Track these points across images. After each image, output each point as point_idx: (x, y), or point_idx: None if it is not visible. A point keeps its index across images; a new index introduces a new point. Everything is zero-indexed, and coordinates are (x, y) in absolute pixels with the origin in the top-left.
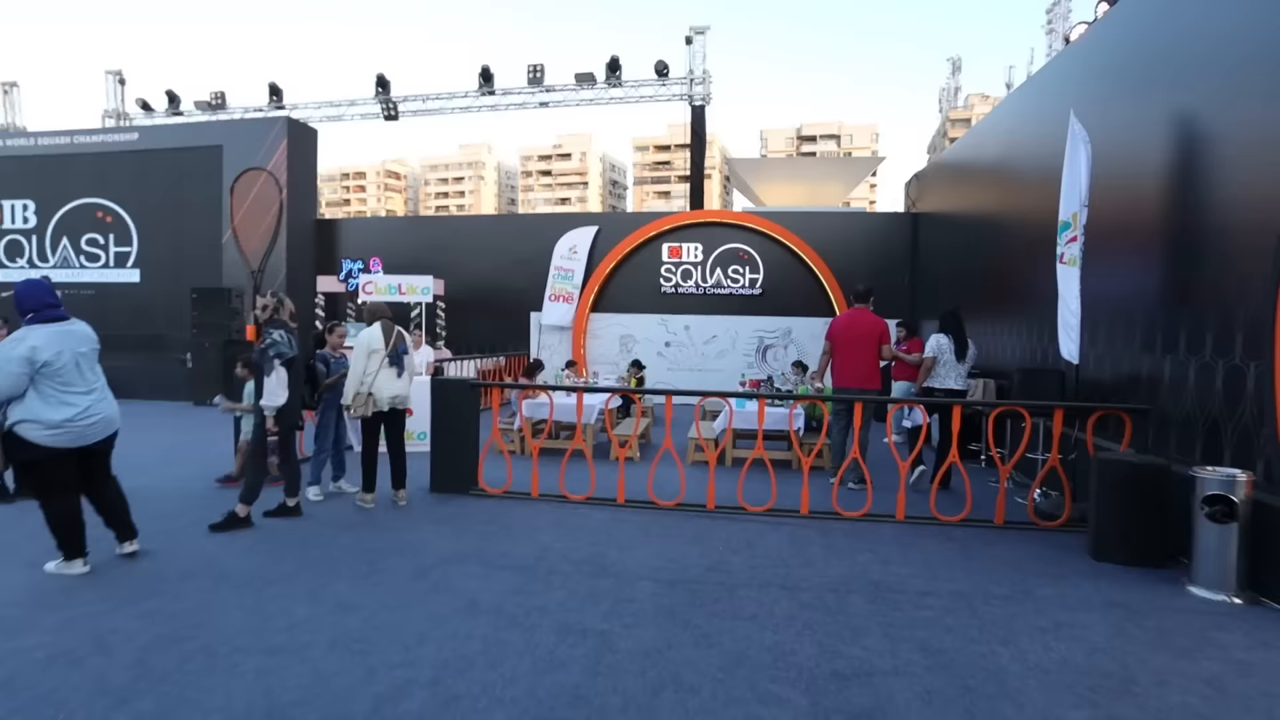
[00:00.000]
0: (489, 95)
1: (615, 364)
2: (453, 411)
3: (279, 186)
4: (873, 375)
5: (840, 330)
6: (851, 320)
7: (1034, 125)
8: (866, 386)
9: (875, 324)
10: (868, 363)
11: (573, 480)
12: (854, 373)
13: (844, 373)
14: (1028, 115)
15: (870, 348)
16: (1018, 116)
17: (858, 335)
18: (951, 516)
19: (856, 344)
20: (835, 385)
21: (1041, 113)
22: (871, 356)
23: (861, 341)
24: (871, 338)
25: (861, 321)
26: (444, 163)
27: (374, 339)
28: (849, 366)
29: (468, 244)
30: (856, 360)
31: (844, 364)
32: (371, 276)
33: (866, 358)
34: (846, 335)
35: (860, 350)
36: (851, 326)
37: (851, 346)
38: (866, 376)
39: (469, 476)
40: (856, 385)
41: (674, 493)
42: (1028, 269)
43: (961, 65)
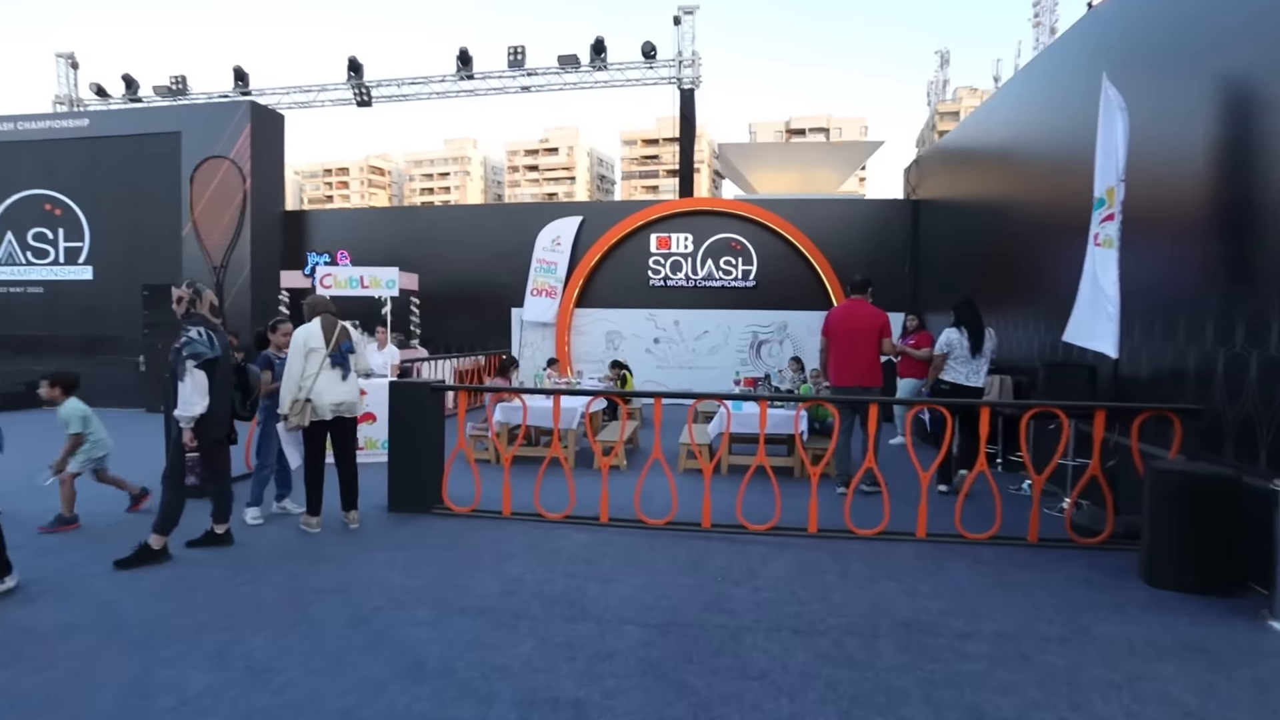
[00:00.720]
0: (468, 79)
1: (601, 362)
2: (412, 419)
3: (242, 176)
4: (873, 371)
5: (836, 323)
6: (848, 312)
7: (1050, 100)
8: (866, 384)
9: (874, 316)
10: (867, 358)
11: (550, 495)
12: (852, 369)
13: (841, 369)
14: (1042, 90)
15: (869, 342)
16: (1030, 92)
17: (856, 328)
18: (979, 534)
19: (854, 338)
20: (832, 383)
21: (1059, 86)
22: (871, 351)
23: (860, 335)
24: (871, 331)
25: (859, 314)
26: (428, 157)
27: (311, 336)
28: (846, 362)
29: (445, 236)
30: (854, 355)
31: (841, 359)
32: (330, 269)
33: (865, 352)
34: (843, 328)
35: (858, 345)
36: (848, 319)
37: (849, 341)
38: (866, 373)
39: (431, 493)
40: (854, 382)
41: (665, 509)
42: (1044, 255)
43: (950, 58)
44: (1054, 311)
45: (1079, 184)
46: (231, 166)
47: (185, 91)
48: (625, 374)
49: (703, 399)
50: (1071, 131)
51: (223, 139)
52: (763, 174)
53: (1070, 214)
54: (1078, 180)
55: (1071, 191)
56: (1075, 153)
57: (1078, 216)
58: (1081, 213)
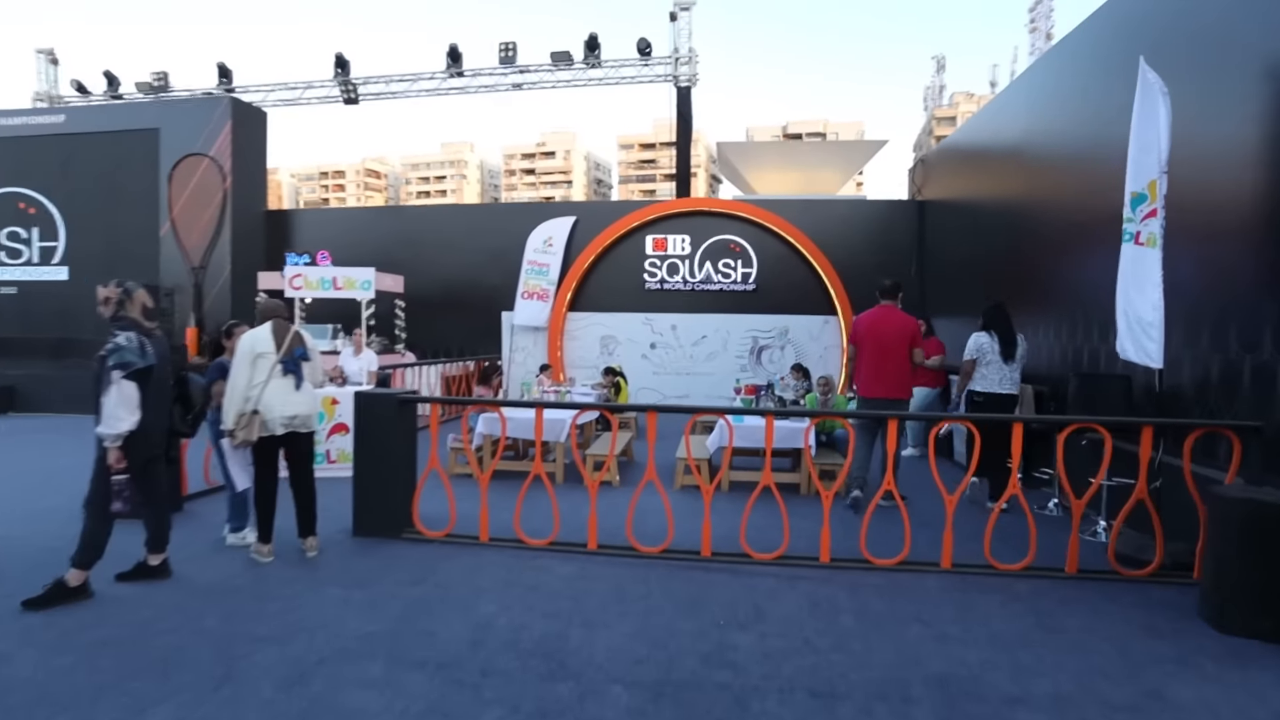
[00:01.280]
0: (458, 77)
1: (594, 368)
2: (380, 433)
3: (222, 174)
4: (903, 383)
5: (865, 331)
6: (877, 319)
7: (1074, 90)
8: (896, 395)
9: (905, 324)
10: (897, 368)
11: (533, 516)
12: (881, 380)
13: (869, 380)
14: (1065, 81)
15: (899, 351)
16: (1051, 84)
17: (885, 337)
18: (1011, 564)
19: (883, 346)
20: (860, 394)
21: (1084, 75)
22: (901, 361)
23: (889, 344)
24: (901, 339)
25: (889, 321)
26: (425, 161)
27: (259, 341)
28: (875, 373)
29: (433, 237)
30: (883, 365)
31: (869, 370)
32: (301, 269)
33: (895, 362)
34: (871, 336)
35: (888, 354)
36: (877, 326)
37: (877, 349)
38: (896, 384)
39: (401, 516)
40: (884, 394)
41: (659, 533)
42: (1067, 256)
43: (946, 64)
44: (1077, 317)
45: (1107, 179)
46: (211, 164)
47: (167, 88)
48: (620, 381)
49: (703, 413)
50: (1099, 124)
51: (203, 136)
52: (762, 174)
53: (1097, 212)
54: (1106, 175)
55: (1099, 188)
56: (1103, 146)
57: (1106, 214)
58: (1112, 210)
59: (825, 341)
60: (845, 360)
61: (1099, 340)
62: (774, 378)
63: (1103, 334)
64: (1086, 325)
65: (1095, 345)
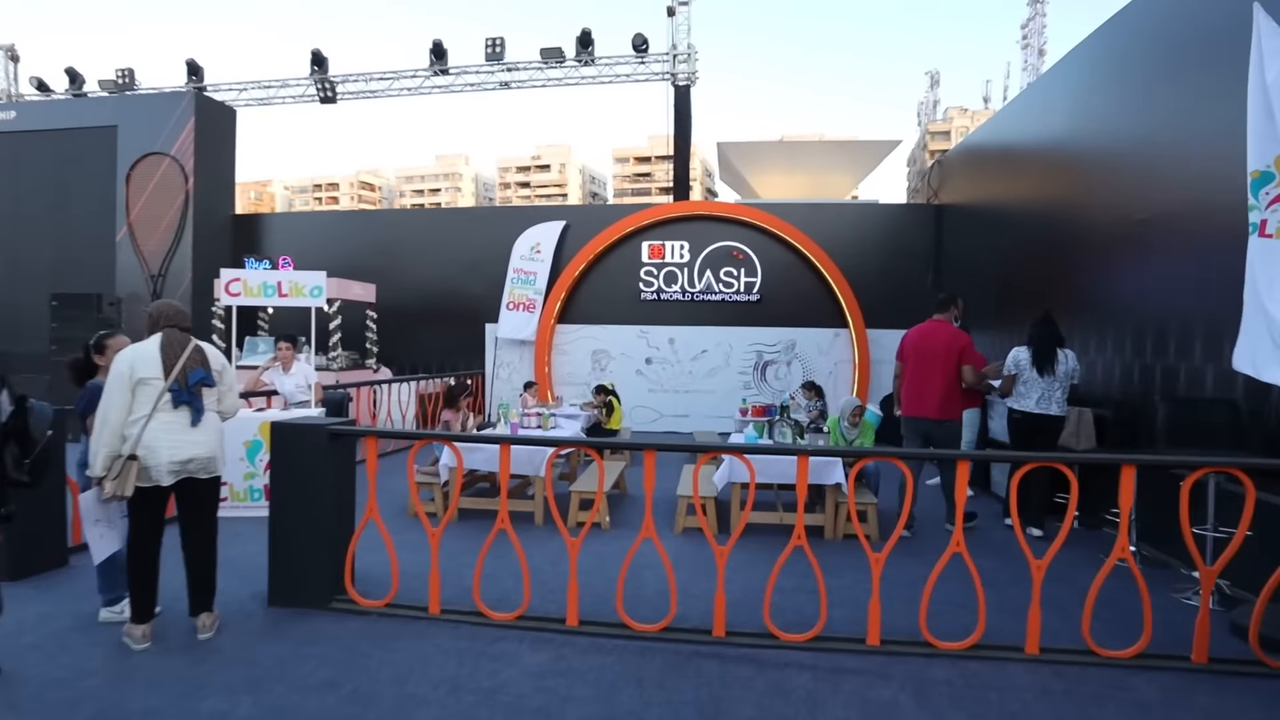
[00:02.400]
0: (442, 75)
1: (585, 385)
2: (305, 474)
3: (184, 174)
4: (950, 402)
5: (911, 346)
6: (924, 334)
7: (1120, 84)
8: (940, 416)
9: (954, 339)
10: (939, 386)
11: (501, 575)
12: (919, 399)
13: (910, 397)
14: (1108, 73)
15: (945, 367)
16: (1092, 77)
17: (930, 352)
18: (1118, 649)
19: (928, 363)
20: (904, 413)
21: (1132, 68)
22: (944, 378)
23: (934, 360)
24: (949, 356)
25: (937, 336)
26: (419, 173)
27: (141, 361)
28: (917, 390)
29: (414, 243)
30: (925, 383)
31: (911, 387)
32: (238, 273)
33: (941, 380)
34: (916, 352)
35: (931, 371)
36: (922, 342)
37: (921, 366)
38: (941, 404)
39: (330, 579)
40: (924, 413)
41: (659, 599)
42: (1122, 262)
43: (940, 79)
44: (1143, 331)
45: (1172, 174)
46: (173, 164)
47: (133, 86)
48: (612, 401)
49: (716, 453)
50: (1158, 114)
51: (164, 134)
52: (766, 178)
53: (1164, 210)
54: (1171, 170)
55: (1163, 183)
56: (1167, 137)
57: (1173, 212)
58: (1179, 207)
59: (835, 356)
60: (893, 377)
61: (1177, 358)
62: (784, 397)
63: (1182, 350)
64: (1159, 339)
65: (1172, 363)
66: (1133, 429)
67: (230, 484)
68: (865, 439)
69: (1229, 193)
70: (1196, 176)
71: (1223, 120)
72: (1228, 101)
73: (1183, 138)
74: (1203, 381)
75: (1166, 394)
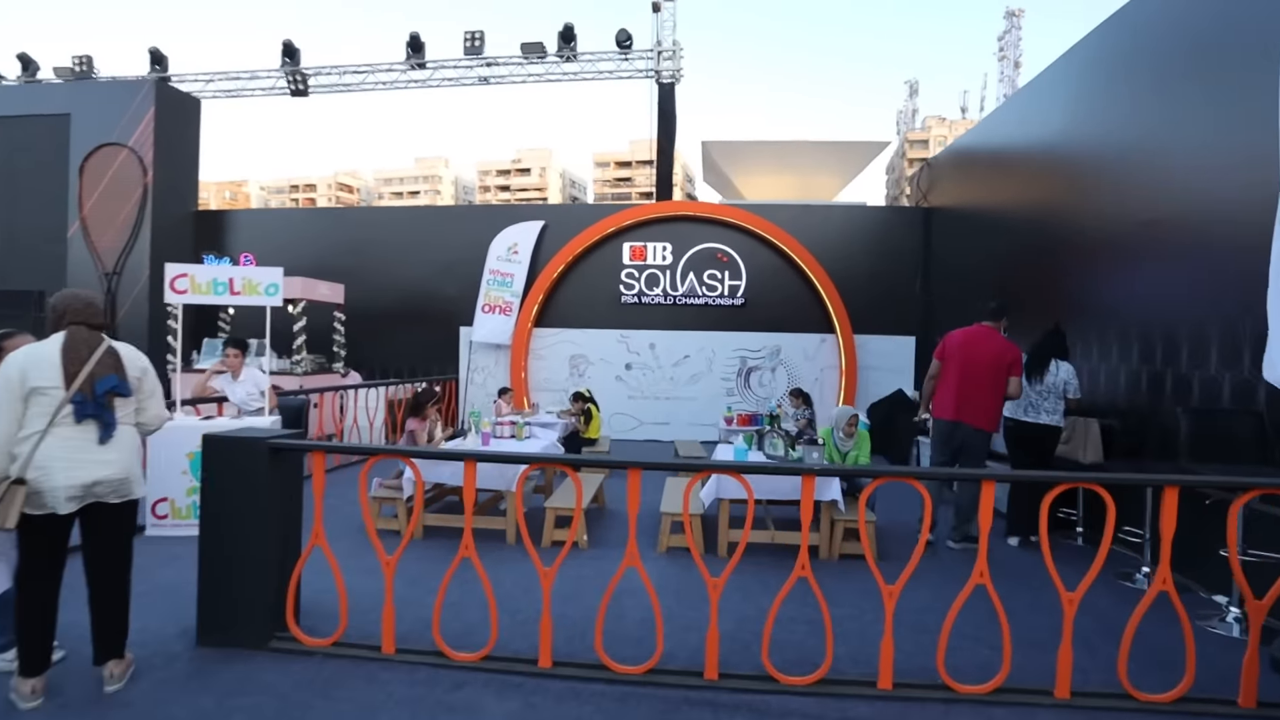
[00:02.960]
0: (419, 69)
1: (563, 391)
2: (240, 495)
3: (143, 167)
4: (992, 414)
5: (954, 349)
6: (972, 340)
7: (1126, 86)
8: (979, 425)
9: (1004, 349)
10: (988, 396)
11: (467, 603)
12: (964, 405)
13: (949, 400)
14: (1110, 74)
15: (992, 378)
16: (1093, 78)
17: (978, 360)
18: (1156, 693)
19: (973, 370)
20: (937, 415)
21: (1139, 67)
22: (988, 389)
23: (980, 369)
24: (999, 368)
25: (985, 344)
26: (398, 175)
27: (33, 365)
28: (957, 396)
29: (387, 243)
30: (967, 390)
31: (951, 391)
32: (188, 268)
33: (986, 390)
34: (961, 356)
35: (976, 379)
36: (970, 347)
37: (965, 372)
38: (980, 412)
39: (270, 614)
40: (962, 419)
41: (643, 633)
42: (1127, 268)
43: (919, 88)
44: (1150, 337)
45: (1180, 178)
46: (130, 155)
47: (91, 73)
48: (591, 409)
49: (709, 472)
50: (1166, 116)
51: (121, 123)
52: (751, 179)
53: (1177, 212)
54: (1178, 173)
55: (1171, 187)
56: (1180, 135)
57: (1181, 217)
58: (1190, 210)
59: (821, 362)
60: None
61: (1190, 365)
62: (770, 405)
63: (1196, 358)
64: (1169, 346)
65: (1184, 371)
66: (1140, 439)
67: (171, 499)
68: (861, 451)
69: (1236, 194)
70: (1202, 178)
71: (1225, 121)
72: (1230, 103)
73: (1189, 138)
74: (1219, 391)
75: (1179, 403)
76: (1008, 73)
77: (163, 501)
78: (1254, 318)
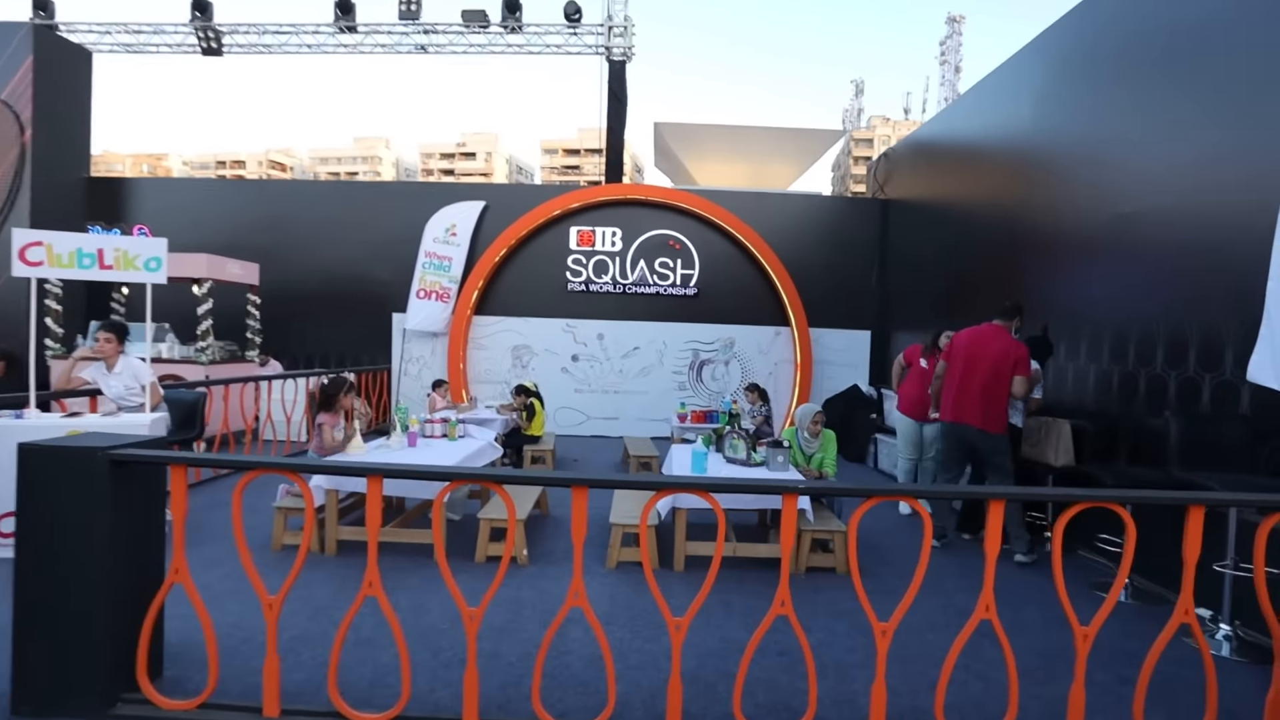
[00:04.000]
0: (348, 32)
1: (505, 384)
2: (69, 522)
3: (19, 124)
4: (991, 413)
5: (959, 349)
6: (978, 338)
7: (1094, 79)
8: (984, 427)
9: (1010, 348)
10: (991, 396)
11: (376, 645)
12: (965, 405)
13: (951, 402)
14: (1069, 67)
15: (992, 376)
16: (1056, 70)
17: (981, 359)
18: None
19: (975, 368)
20: (943, 418)
21: (1100, 62)
22: (997, 388)
23: (984, 366)
24: (1000, 364)
25: (990, 342)
26: (335, 155)
27: None
28: (959, 395)
29: (311, 220)
30: (967, 388)
31: (953, 391)
32: (43, 235)
33: (989, 389)
34: (964, 355)
35: (978, 377)
36: (974, 345)
37: (968, 370)
38: (983, 412)
39: (114, 670)
40: (966, 420)
41: (588, 676)
42: (1095, 265)
43: (864, 88)
44: (1124, 336)
45: (1158, 170)
46: (4, 110)
47: None
48: (534, 403)
49: (670, 491)
50: (1132, 106)
51: None
52: (705, 164)
53: (1150, 207)
54: (1157, 169)
55: (1141, 183)
56: (1145, 130)
57: (1158, 210)
58: (1164, 205)
59: (776, 356)
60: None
61: (1167, 365)
62: (726, 401)
63: (1171, 356)
64: (1143, 347)
65: (1159, 371)
66: (1112, 441)
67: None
68: (827, 453)
69: (1212, 190)
70: (1173, 173)
71: (1190, 116)
72: (1196, 98)
73: (1154, 133)
74: (1197, 392)
75: (1151, 404)
76: (949, 76)
77: (8, 517)
78: (1237, 318)
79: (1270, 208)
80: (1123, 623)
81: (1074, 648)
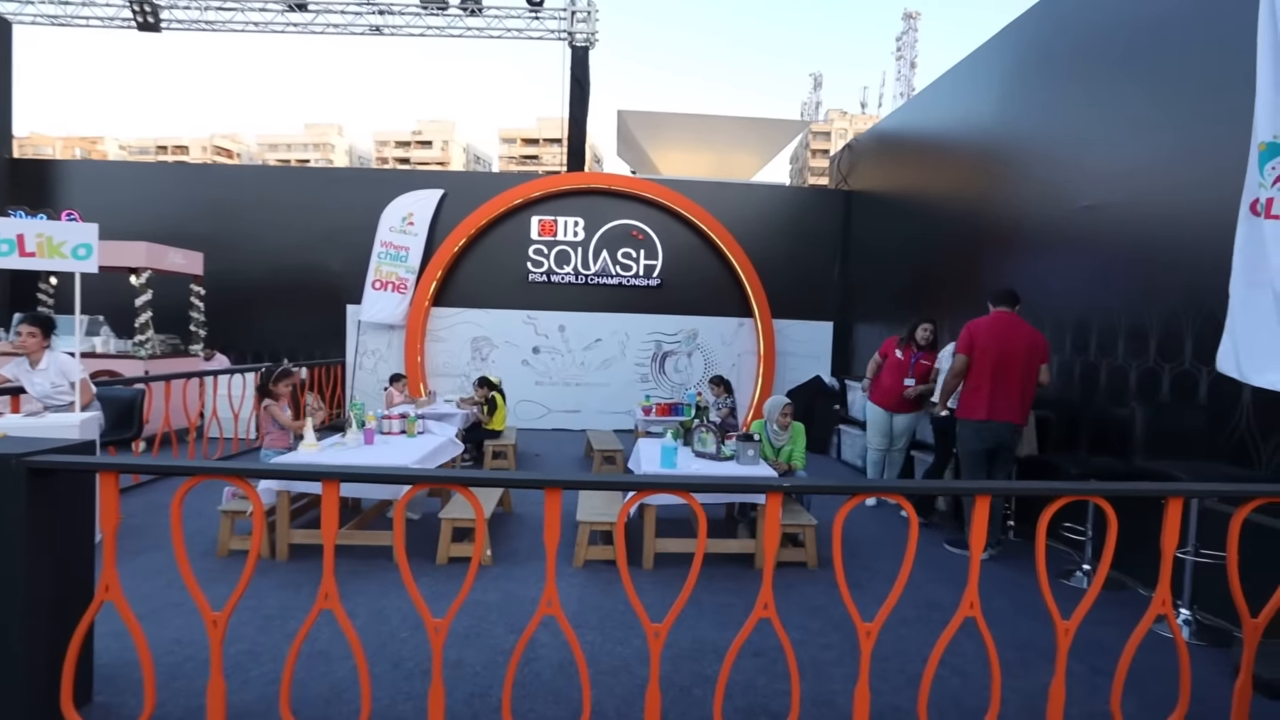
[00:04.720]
0: (299, 10)
1: (465, 377)
2: None
3: None
4: (1027, 408)
5: (986, 340)
6: (1000, 327)
7: (1058, 71)
8: (1018, 422)
9: (1034, 335)
10: (1025, 390)
11: (331, 657)
12: (1007, 401)
13: (994, 399)
14: (1033, 59)
15: (1026, 369)
16: (1022, 61)
17: (1014, 352)
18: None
19: (1011, 364)
20: (986, 416)
21: (1064, 54)
22: (1025, 381)
23: (1018, 361)
24: (1032, 357)
25: (1016, 332)
26: (285, 141)
27: None
28: (1002, 392)
29: (259, 206)
30: (1009, 383)
31: (994, 388)
32: None
33: (1020, 383)
34: (996, 348)
35: (1014, 370)
36: (1002, 337)
37: (1004, 365)
38: (1018, 409)
39: (36, 696)
40: (1011, 418)
41: (559, 683)
42: (1064, 255)
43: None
44: (1085, 327)
45: (1119, 163)
46: None
47: None
48: (496, 397)
49: (651, 490)
50: (1093, 99)
51: None
52: (669, 154)
53: (1110, 200)
54: (1113, 159)
55: (1107, 175)
56: (1109, 123)
57: (1119, 203)
58: (1123, 198)
59: (739, 347)
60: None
61: (1129, 356)
62: (690, 394)
63: (1132, 347)
64: (1104, 338)
65: (1120, 362)
66: (1074, 431)
67: None
68: (797, 446)
69: (1168, 185)
70: (1132, 167)
71: (1151, 112)
72: (1153, 95)
73: (1118, 126)
74: (1157, 383)
75: (1113, 395)
76: (904, 71)
77: None
78: (1194, 308)
79: (1226, 203)
80: (1104, 611)
81: (1045, 639)
